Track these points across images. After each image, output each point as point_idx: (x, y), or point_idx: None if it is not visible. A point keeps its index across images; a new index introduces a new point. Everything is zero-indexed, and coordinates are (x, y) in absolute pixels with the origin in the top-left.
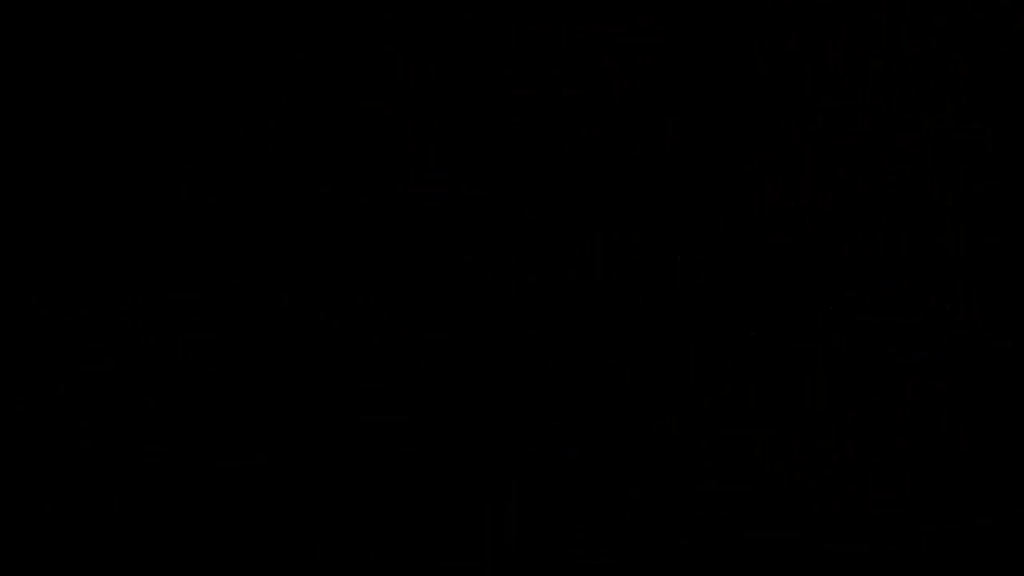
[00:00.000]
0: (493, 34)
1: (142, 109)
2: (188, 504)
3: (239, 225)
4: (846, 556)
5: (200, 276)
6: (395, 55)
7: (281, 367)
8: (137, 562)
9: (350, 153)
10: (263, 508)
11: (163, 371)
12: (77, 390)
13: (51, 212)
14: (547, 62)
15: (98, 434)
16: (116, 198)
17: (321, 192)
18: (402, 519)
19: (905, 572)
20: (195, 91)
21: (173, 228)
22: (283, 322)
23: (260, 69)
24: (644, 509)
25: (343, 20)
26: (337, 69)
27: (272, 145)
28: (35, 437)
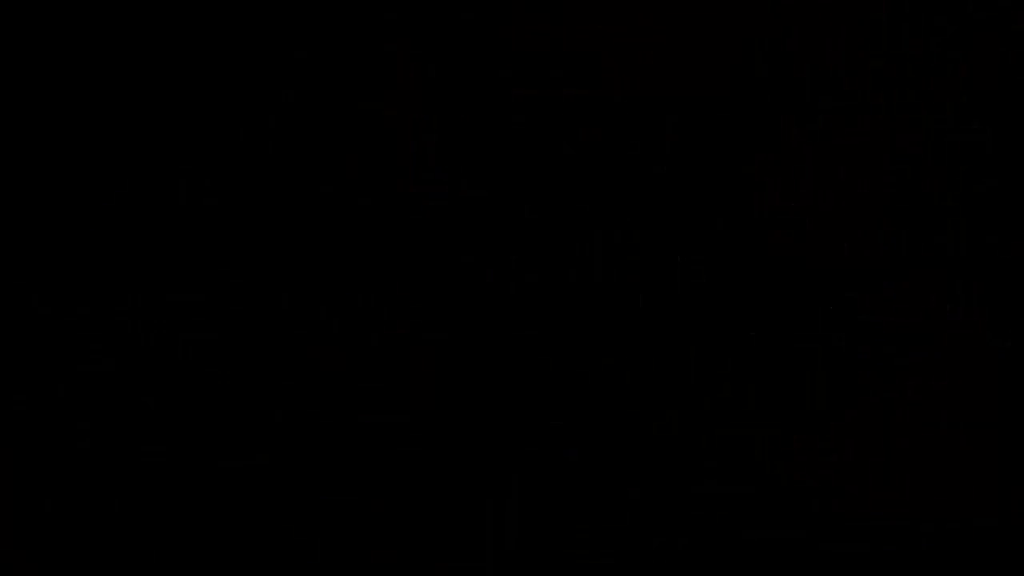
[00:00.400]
0: (493, 34)
1: (142, 109)
2: (188, 504)
3: (239, 225)
4: (846, 556)
5: (200, 276)
6: (395, 55)
7: (281, 367)
8: (137, 562)
9: (350, 153)
10: (263, 508)
11: (163, 371)
12: (77, 390)
13: (51, 212)
14: (547, 62)
15: (98, 434)
16: (116, 198)
17: (321, 192)
18: (402, 519)
19: (905, 572)
20: (195, 91)
21: (173, 228)
22: (283, 322)
23: (260, 69)
24: (644, 509)
25: (343, 20)
26: (337, 69)
27: (272, 145)
28: (35, 437)
